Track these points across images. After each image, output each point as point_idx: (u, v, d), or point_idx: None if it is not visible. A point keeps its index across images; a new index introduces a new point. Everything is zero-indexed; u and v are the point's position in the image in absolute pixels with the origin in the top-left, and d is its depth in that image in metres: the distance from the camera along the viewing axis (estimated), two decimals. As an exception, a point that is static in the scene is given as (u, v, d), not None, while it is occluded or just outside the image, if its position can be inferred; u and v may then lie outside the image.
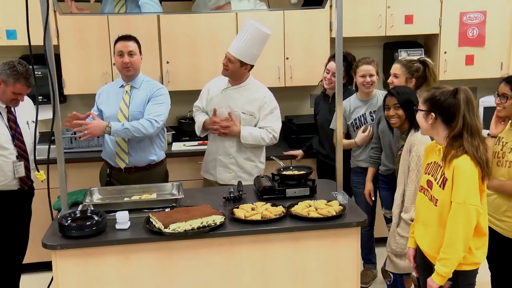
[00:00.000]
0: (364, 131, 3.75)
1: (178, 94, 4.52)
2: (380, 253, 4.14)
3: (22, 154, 3.19)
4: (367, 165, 3.76)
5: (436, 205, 2.43)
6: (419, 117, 2.50)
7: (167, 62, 4.34)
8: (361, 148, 3.80)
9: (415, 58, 3.50)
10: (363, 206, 3.80)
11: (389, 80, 3.47)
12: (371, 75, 3.67)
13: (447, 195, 2.38)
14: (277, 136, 3.64)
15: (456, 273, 2.39)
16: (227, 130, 3.53)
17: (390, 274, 3.24)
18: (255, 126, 3.61)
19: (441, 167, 2.44)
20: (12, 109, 3.20)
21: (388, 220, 3.47)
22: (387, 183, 3.51)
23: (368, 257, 4.06)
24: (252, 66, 3.57)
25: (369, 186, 3.71)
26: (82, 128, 3.24)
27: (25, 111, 3.28)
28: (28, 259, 3.53)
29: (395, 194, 3.08)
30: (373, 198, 3.74)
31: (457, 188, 2.34)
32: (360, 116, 3.77)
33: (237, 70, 3.51)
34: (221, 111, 3.59)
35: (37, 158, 3.21)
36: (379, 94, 3.77)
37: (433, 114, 2.43)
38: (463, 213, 2.32)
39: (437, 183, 2.43)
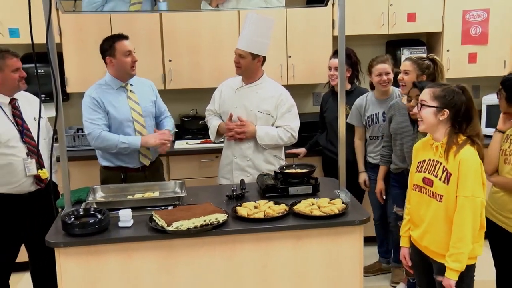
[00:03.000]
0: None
1: (180, 92, 4.54)
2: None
3: (32, 151, 3.09)
4: (374, 161, 3.80)
5: (441, 201, 2.44)
6: (428, 113, 2.49)
7: (170, 60, 4.34)
8: (373, 143, 3.81)
9: (424, 55, 3.50)
10: (374, 201, 3.84)
11: (400, 77, 3.44)
12: (387, 73, 3.67)
13: (452, 190, 2.39)
14: (296, 135, 3.54)
15: None
16: (243, 135, 3.45)
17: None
18: (272, 125, 3.51)
19: (440, 163, 2.46)
20: (17, 104, 3.12)
21: (400, 218, 3.49)
22: (398, 181, 3.53)
23: (378, 249, 4.11)
24: (264, 59, 3.48)
25: (380, 184, 3.72)
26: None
27: (31, 107, 3.20)
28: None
29: None
30: (384, 197, 3.74)
31: (464, 182, 2.36)
32: (373, 114, 3.77)
33: (250, 65, 3.42)
34: (236, 111, 3.48)
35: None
36: (397, 93, 3.75)
37: (446, 111, 2.44)
38: (471, 206, 2.35)
39: (439, 179, 2.44)
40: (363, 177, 3.91)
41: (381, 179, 3.70)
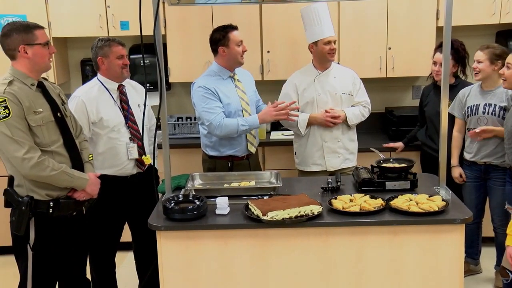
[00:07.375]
0: None
1: (277, 83, 4.55)
2: (487, 251, 3.96)
3: (135, 135, 3.24)
4: (471, 159, 3.62)
5: None
6: None
7: (268, 52, 4.38)
8: (473, 140, 3.61)
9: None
10: (467, 200, 3.66)
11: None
12: (478, 62, 3.48)
13: None
14: (371, 108, 3.78)
15: None
16: (339, 120, 3.57)
17: (509, 272, 3.07)
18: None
19: None
20: (124, 90, 3.28)
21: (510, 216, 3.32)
22: (511, 176, 3.34)
23: (468, 250, 3.90)
24: None
25: None
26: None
27: (136, 94, 3.37)
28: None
29: None
30: None
31: None
32: (473, 105, 3.56)
33: None
34: (321, 98, 3.61)
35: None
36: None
37: None
38: None
39: None
40: (457, 171, 3.71)
41: None
